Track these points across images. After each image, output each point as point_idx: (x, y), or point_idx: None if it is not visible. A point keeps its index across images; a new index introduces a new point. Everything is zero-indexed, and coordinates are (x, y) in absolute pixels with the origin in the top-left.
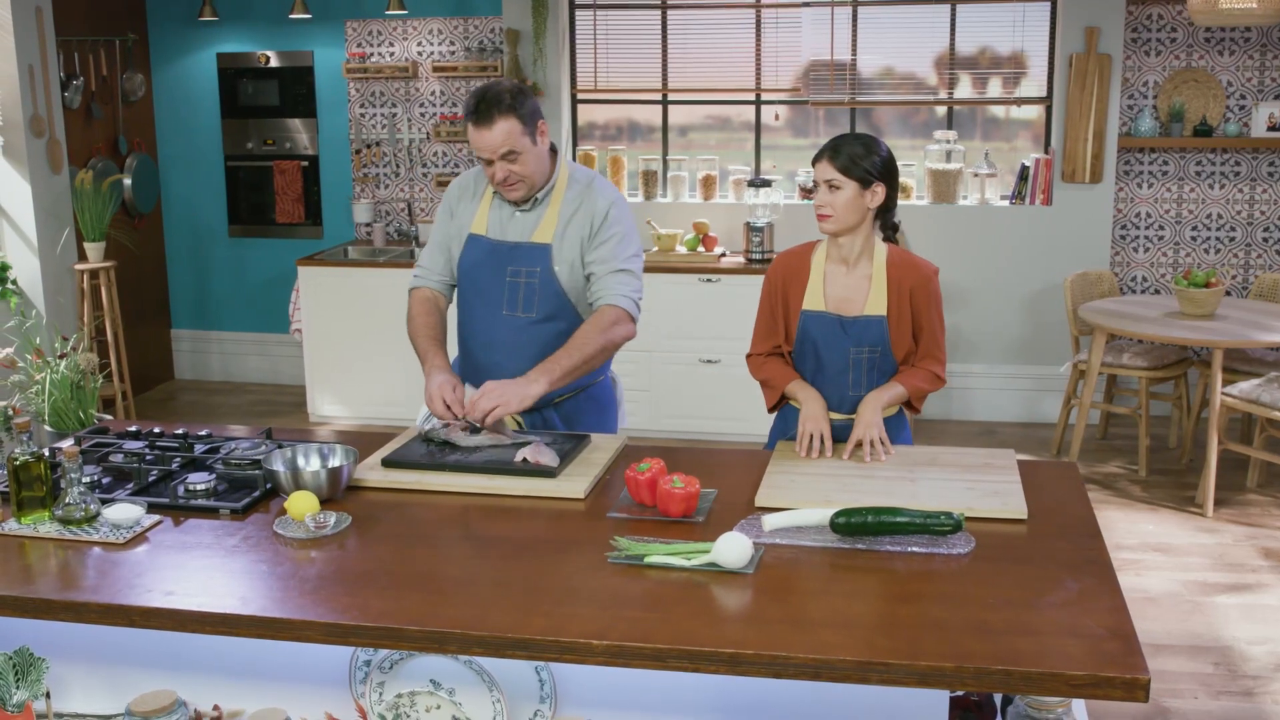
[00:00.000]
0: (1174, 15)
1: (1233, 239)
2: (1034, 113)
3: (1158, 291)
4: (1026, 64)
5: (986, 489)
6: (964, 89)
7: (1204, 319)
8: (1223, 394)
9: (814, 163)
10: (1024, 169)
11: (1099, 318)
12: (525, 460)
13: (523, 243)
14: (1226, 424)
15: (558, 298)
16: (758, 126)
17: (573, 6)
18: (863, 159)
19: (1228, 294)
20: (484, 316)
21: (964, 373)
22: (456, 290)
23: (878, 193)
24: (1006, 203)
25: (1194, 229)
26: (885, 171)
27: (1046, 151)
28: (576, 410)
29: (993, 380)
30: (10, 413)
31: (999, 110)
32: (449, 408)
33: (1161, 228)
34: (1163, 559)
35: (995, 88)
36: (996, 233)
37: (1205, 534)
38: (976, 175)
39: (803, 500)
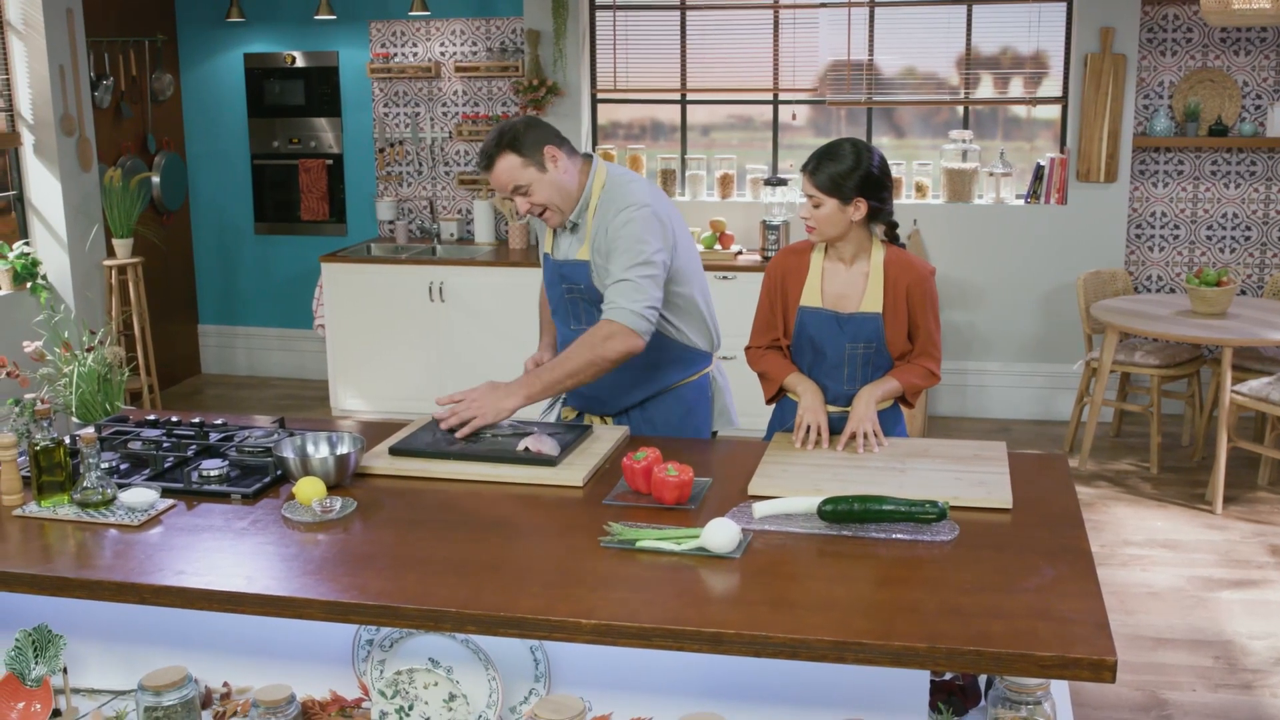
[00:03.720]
0: (1189, 15)
1: (1248, 238)
2: (1055, 112)
3: (1173, 290)
4: (1048, 63)
5: (973, 479)
6: (985, 88)
7: (1215, 317)
8: (1232, 392)
9: (801, 172)
10: (1039, 168)
11: (1111, 316)
12: (527, 449)
13: (569, 260)
14: (1238, 422)
15: None
16: (775, 126)
17: (593, 7)
18: (842, 177)
19: (1242, 293)
20: (561, 331)
21: (979, 370)
22: None
23: (860, 207)
24: (1022, 202)
25: (1209, 228)
26: (866, 186)
27: (1062, 151)
28: (658, 411)
29: (1007, 378)
30: (39, 404)
31: (1020, 110)
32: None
33: (1177, 227)
34: (1170, 555)
35: (1016, 87)
36: (1012, 232)
37: (1213, 530)
38: (992, 174)
39: (794, 489)
